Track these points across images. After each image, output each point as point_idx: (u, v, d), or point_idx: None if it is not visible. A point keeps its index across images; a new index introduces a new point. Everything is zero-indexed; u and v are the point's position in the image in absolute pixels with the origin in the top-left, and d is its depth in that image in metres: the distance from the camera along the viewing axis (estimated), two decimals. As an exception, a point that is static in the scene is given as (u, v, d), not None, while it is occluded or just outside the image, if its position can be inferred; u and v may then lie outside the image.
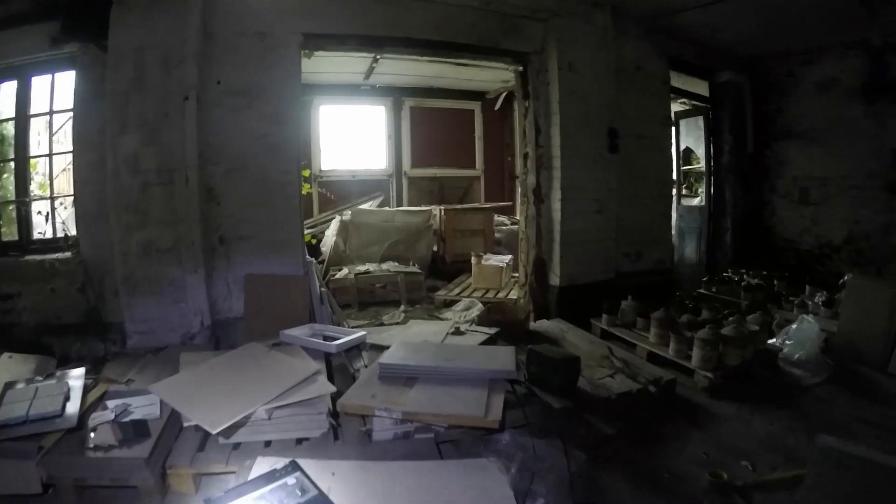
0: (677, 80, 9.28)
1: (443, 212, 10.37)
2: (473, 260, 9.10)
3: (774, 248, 10.30)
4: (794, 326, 6.38)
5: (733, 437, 4.61)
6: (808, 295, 7.99)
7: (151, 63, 5.43)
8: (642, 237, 8.34)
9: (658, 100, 8.58)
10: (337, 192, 11.56)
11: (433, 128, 12.62)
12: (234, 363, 4.59)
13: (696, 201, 10.82)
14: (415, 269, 9.12)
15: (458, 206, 11.06)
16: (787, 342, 6.25)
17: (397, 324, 7.29)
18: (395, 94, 12.09)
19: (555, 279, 7.34)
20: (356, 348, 5.51)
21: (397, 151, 12.26)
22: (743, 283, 8.45)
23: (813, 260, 9.74)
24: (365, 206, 10.79)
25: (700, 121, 10.28)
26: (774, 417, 4.97)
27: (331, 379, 4.68)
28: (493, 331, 6.18)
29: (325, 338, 5.56)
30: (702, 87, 10.02)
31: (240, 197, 5.85)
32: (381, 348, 5.43)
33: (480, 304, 7.77)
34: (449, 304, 8.31)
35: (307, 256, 6.43)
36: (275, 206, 5.96)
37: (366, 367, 5.06)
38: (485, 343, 5.84)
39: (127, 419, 3.74)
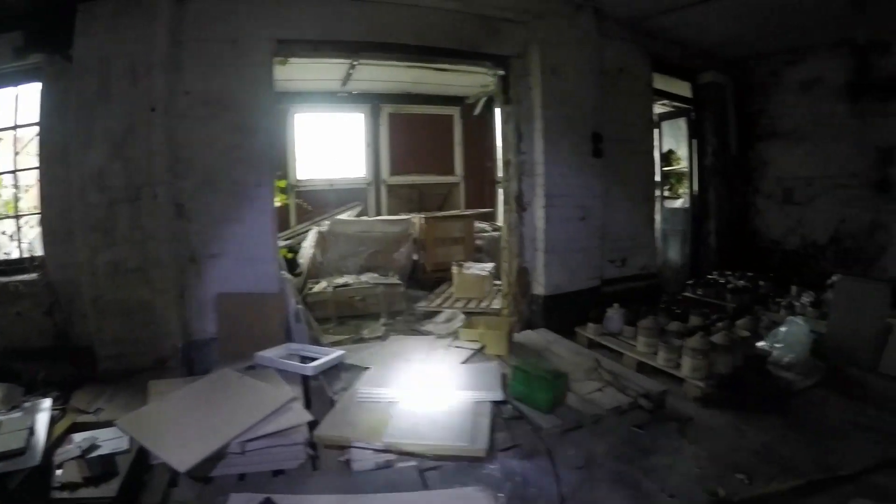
0: (660, 82, 9.13)
1: (422, 220, 10.17)
2: (454, 269, 8.93)
3: (759, 250, 10.22)
4: (783, 329, 6.24)
5: (727, 448, 4.46)
6: (794, 296, 7.93)
7: (118, 73, 5.20)
8: (627, 243, 8.19)
9: (642, 102, 8.44)
10: (314, 203, 11.30)
11: (412, 134, 12.46)
12: (204, 392, 4.36)
13: (678, 203, 10.69)
14: (395, 279, 8.90)
15: (438, 214, 10.84)
16: (776, 345, 6.12)
17: (378, 338, 7.10)
18: (373, 101, 11.90)
19: (539, 288, 7.18)
20: (334, 369, 5.30)
21: (376, 159, 12.07)
22: (728, 286, 8.32)
23: (798, 260, 9.65)
24: (343, 217, 10.56)
25: (682, 122, 10.15)
26: (768, 426, 4.84)
27: (308, 403, 4.54)
28: (477, 345, 6.03)
29: (303, 358, 5.38)
30: (684, 89, 9.88)
31: (211, 212, 5.61)
32: (359, 369, 5.27)
33: (463, 315, 7.61)
34: (430, 315, 8.13)
35: (282, 272, 6.23)
36: (247, 221, 5.72)
37: (344, 389, 4.87)
38: (469, 359, 5.69)
39: (94, 454, 3.58)
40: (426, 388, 4.47)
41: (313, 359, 5.24)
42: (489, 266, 9.05)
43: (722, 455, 4.33)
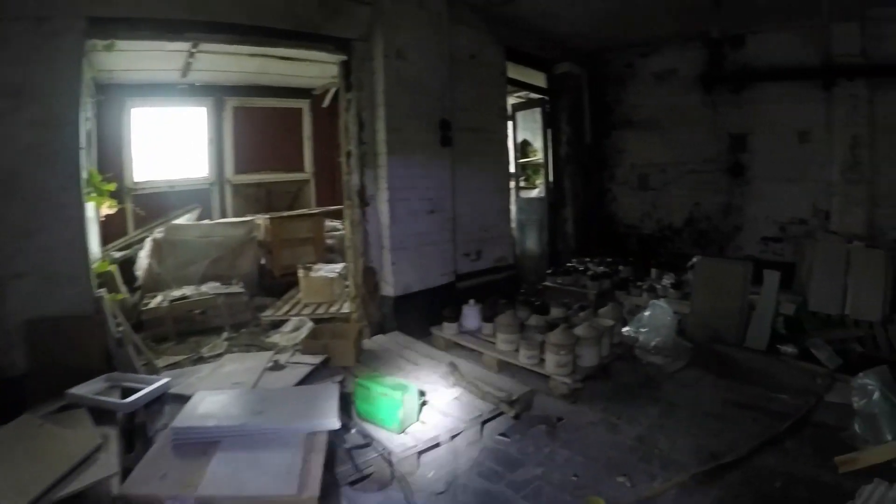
0: (515, 72, 8.94)
1: (267, 221, 9.51)
2: (300, 272, 8.35)
3: (617, 235, 10.31)
4: (647, 313, 6.21)
5: (603, 447, 4.23)
6: (655, 279, 8.02)
7: None
8: (482, 235, 7.87)
9: (495, 91, 8.14)
10: (153, 207, 10.19)
11: (258, 129, 11.63)
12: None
13: (534, 193, 10.51)
14: (237, 288, 8.16)
15: (284, 214, 10.15)
16: (641, 330, 6.09)
17: (219, 355, 6.40)
18: (217, 94, 10.98)
19: (388, 289, 6.70)
20: (159, 400, 4.59)
21: (219, 157, 11.14)
22: (588, 273, 8.22)
23: (655, 243, 9.85)
24: (180, 221, 9.67)
25: (537, 113, 10.00)
26: (643, 416, 4.71)
27: (130, 446, 3.92)
28: (318, 359, 5.50)
29: (124, 391, 4.52)
30: (540, 79, 9.73)
31: (10, 224, 4.63)
32: (184, 399, 4.46)
33: (311, 323, 7.11)
34: (278, 325, 7.51)
35: (100, 290, 5.39)
36: (53, 233, 4.78)
37: (166, 426, 4.12)
38: (309, 376, 5.17)
39: None
40: (251, 422, 3.83)
41: (136, 389, 4.46)
42: (339, 267, 8.47)
43: (598, 456, 4.10)
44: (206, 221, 9.67)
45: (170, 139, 10.92)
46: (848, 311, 6.75)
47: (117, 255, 8.85)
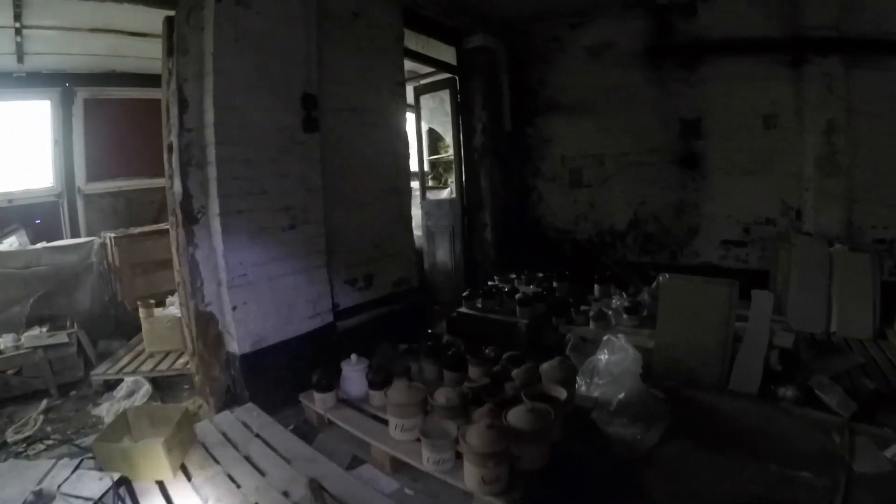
0: (416, 43, 6.75)
1: (112, 240, 7.03)
2: (141, 311, 5.89)
3: (546, 241, 8.11)
4: (602, 357, 4.19)
5: None
6: (599, 298, 6.12)
7: None
8: (373, 252, 5.54)
9: (387, 61, 5.74)
10: None
11: (116, 126, 8.84)
12: None
13: (444, 193, 8.29)
14: (62, 337, 5.75)
15: (134, 231, 7.49)
16: (597, 382, 4.10)
17: (26, 440, 4.39)
18: (63, 83, 8.27)
19: (233, 343, 4.34)
20: None
21: (68, 161, 8.39)
22: (516, 295, 6.01)
23: (594, 250, 7.69)
24: None
25: (446, 95, 7.70)
26: None
27: None
28: (109, 482, 2.97)
29: None
30: (448, 55, 7.49)
31: None
32: None
33: (149, 386, 5.03)
34: (113, 385, 5.31)
35: None
36: None
37: None
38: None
39: None
40: None
41: None
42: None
43: None
44: (32, 247, 7.05)
45: (7, 141, 8.31)
46: (834, 329, 5.57)
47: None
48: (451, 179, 8.14)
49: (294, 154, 4.55)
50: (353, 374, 4.13)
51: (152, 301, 6.00)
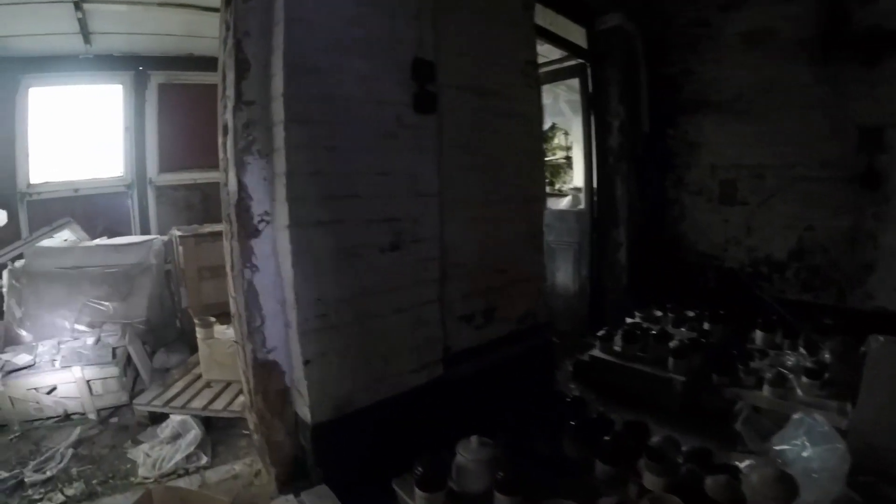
0: (543, 18, 5.13)
1: (178, 239, 5.68)
2: (199, 331, 4.57)
3: (684, 267, 6.33)
4: (803, 452, 2.87)
5: None
6: (765, 351, 4.45)
7: None
8: (495, 279, 3.87)
9: (514, 33, 4.06)
10: (54, 217, 6.48)
11: (192, 113, 7.49)
12: None
13: (564, 203, 6.68)
14: (105, 353, 4.50)
15: (204, 230, 5.95)
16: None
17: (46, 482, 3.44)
18: (136, 67, 7.17)
19: (303, 407, 2.87)
20: None
21: (139, 150, 7.30)
22: (672, 343, 4.38)
23: (744, 282, 5.90)
24: (46, 244, 5.73)
25: (573, 86, 6.06)
26: None
27: None
28: None
29: None
30: (578, 36, 5.84)
31: None
32: None
33: (199, 431, 3.80)
34: (158, 419, 4.11)
35: None
36: None
37: None
38: None
39: None
40: None
41: None
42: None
43: None
44: (86, 243, 5.84)
45: (76, 128, 7.21)
46: None
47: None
48: (569, 186, 6.54)
49: (401, 143, 3.05)
50: (474, 465, 2.67)
51: (212, 318, 4.69)
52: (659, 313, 5.20)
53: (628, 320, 5.09)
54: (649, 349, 4.44)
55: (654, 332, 4.59)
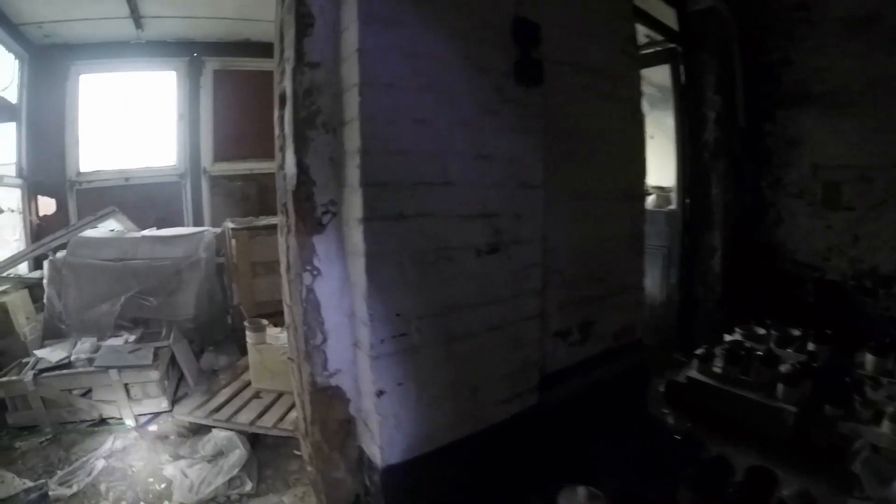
0: (635, -2, 4.47)
1: (231, 233, 5.10)
2: (249, 335, 3.96)
3: (779, 277, 5.41)
4: None
5: None
6: (878, 380, 3.63)
7: None
8: (593, 287, 3.14)
9: (613, 6, 3.35)
10: (103, 206, 5.91)
11: (248, 101, 6.94)
12: None
13: (650, 202, 5.89)
14: (144, 356, 3.97)
15: (259, 222, 5.43)
16: None
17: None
18: (191, 53, 6.73)
19: (372, 445, 2.20)
20: None
21: (194, 138, 6.81)
22: (782, 368, 3.57)
23: (846, 296, 5.04)
24: (89, 233, 5.18)
25: (663, 72, 5.32)
26: None
27: None
28: None
29: None
30: (668, 17, 5.06)
31: None
32: None
33: (244, 451, 3.24)
34: (199, 430, 3.60)
35: None
36: None
37: None
38: None
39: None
40: None
41: None
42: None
43: None
44: (132, 234, 5.31)
45: (128, 116, 6.75)
46: None
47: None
48: (656, 185, 5.79)
49: (502, 120, 2.36)
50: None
51: (265, 321, 4.12)
52: (761, 331, 4.43)
53: (727, 337, 4.33)
54: (753, 372, 3.72)
55: (759, 352, 3.87)
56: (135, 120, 6.72)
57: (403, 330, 2.09)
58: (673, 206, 5.26)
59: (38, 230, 5.82)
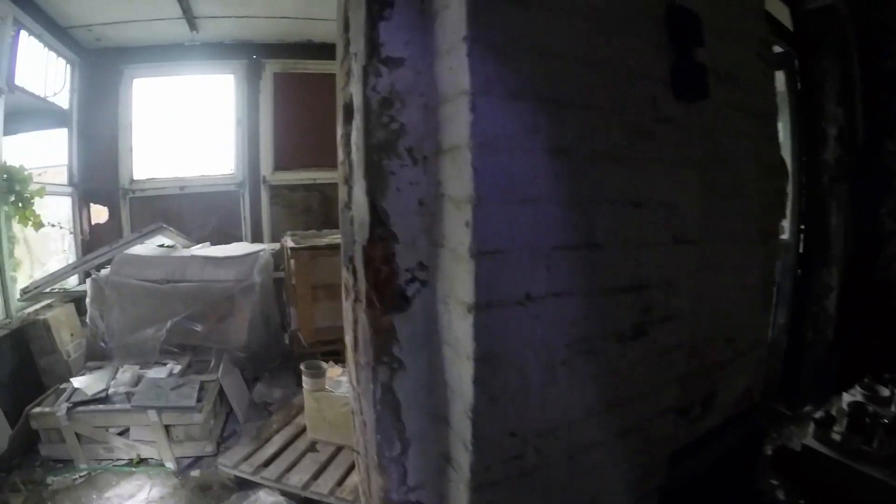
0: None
1: (290, 252, 4.49)
2: (306, 380, 3.31)
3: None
4: None
5: None
6: None
7: None
8: (718, 350, 2.32)
9: (749, 12, 2.57)
10: (157, 216, 5.59)
11: (311, 105, 6.41)
12: None
13: None
14: (188, 396, 3.45)
15: (321, 241, 4.71)
16: None
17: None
18: (249, 54, 6.21)
19: None
20: None
21: (252, 145, 6.27)
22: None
23: None
24: (136, 251, 4.60)
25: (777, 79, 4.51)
26: None
27: None
28: None
29: None
30: (780, 15, 4.31)
31: None
32: None
33: None
34: (245, 484, 3.11)
35: None
36: None
37: None
38: None
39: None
40: None
41: None
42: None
43: None
44: (181, 252, 4.74)
45: (184, 121, 6.28)
46: None
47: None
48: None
49: (658, 148, 1.63)
50: None
51: (324, 364, 3.50)
52: (885, 391, 3.54)
53: (847, 398, 3.48)
54: (878, 442, 2.92)
55: (884, 419, 3.05)
56: (191, 126, 6.28)
57: (517, 452, 1.39)
58: (784, 236, 4.40)
59: (90, 240, 5.48)
